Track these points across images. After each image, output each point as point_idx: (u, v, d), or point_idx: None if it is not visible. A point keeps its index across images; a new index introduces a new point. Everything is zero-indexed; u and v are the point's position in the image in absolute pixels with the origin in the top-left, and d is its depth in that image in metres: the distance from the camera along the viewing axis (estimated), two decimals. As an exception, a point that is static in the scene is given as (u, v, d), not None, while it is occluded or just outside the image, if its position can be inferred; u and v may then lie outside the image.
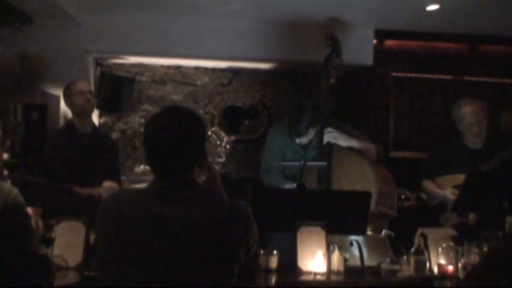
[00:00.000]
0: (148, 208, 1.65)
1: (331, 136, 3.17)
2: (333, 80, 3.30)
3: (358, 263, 2.75)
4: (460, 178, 3.20)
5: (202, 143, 1.76)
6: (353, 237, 2.89)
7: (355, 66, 4.57)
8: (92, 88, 3.83)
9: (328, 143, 3.16)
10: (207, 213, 1.65)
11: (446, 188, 3.50)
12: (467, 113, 3.58)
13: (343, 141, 3.17)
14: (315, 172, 3.18)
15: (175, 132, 1.67)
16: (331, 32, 3.46)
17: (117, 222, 1.65)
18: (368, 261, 2.78)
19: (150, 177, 1.77)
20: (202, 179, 2.01)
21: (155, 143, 1.69)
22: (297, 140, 3.38)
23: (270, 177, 3.48)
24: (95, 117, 4.55)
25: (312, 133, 3.36)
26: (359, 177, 3.05)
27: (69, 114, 4.17)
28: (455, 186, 3.36)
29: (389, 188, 3.10)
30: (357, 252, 2.83)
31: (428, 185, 3.69)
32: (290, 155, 3.42)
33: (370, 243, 2.93)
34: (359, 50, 4.48)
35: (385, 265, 2.54)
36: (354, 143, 3.19)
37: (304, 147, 3.41)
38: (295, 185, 3.17)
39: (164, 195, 1.67)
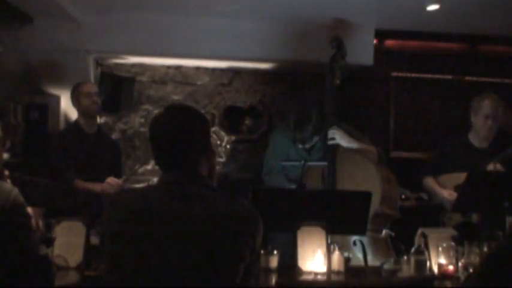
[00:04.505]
0: (155, 203, 1.66)
1: (335, 134, 3.18)
2: (337, 81, 3.31)
3: (360, 263, 2.75)
4: (463, 177, 3.19)
5: (207, 137, 1.80)
6: (356, 237, 2.89)
7: (355, 66, 4.56)
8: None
9: (332, 139, 3.17)
10: (215, 210, 1.65)
11: (448, 187, 3.49)
12: (488, 104, 3.53)
13: (345, 142, 3.18)
14: (319, 173, 3.18)
15: (179, 128, 1.71)
16: (335, 34, 3.47)
17: (125, 216, 1.66)
18: (370, 261, 2.78)
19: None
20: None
21: (161, 139, 1.73)
22: (300, 146, 3.39)
23: (272, 179, 3.47)
24: (98, 116, 4.55)
25: (315, 140, 3.38)
26: (363, 178, 3.06)
27: (70, 114, 4.19)
28: (457, 186, 3.35)
29: (393, 189, 3.11)
30: (359, 252, 2.83)
31: (428, 182, 3.68)
32: (294, 157, 3.41)
33: (372, 243, 2.93)
34: (359, 50, 4.48)
35: (388, 265, 2.54)
36: (354, 145, 3.20)
37: (308, 150, 3.41)
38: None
39: (172, 190, 1.68)
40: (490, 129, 3.54)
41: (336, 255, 2.51)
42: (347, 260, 2.57)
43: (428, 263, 2.56)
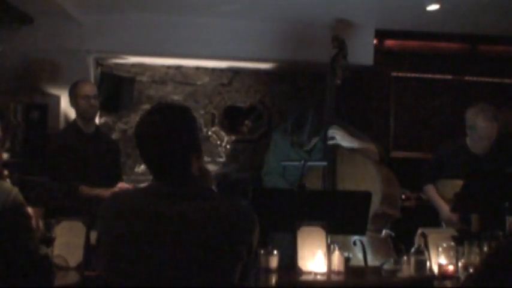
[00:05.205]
0: (148, 205, 1.65)
1: (335, 133, 3.18)
2: (338, 81, 3.32)
3: (360, 263, 2.75)
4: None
5: (194, 135, 1.74)
6: (357, 237, 2.89)
7: (356, 66, 4.56)
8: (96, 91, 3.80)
9: (332, 138, 3.17)
10: (208, 210, 1.65)
11: (448, 194, 3.46)
12: (484, 127, 3.41)
13: (345, 142, 3.18)
14: (319, 173, 3.18)
15: (164, 128, 1.67)
16: (337, 34, 3.47)
17: (118, 218, 1.66)
18: (370, 261, 2.78)
19: (151, 177, 1.77)
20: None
21: (146, 141, 1.69)
22: (300, 149, 3.40)
23: (271, 179, 3.47)
24: (96, 117, 4.56)
25: (314, 141, 3.38)
26: (363, 178, 3.06)
27: (70, 114, 4.19)
28: (457, 194, 3.32)
29: (393, 188, 3.11)
30: (359, 252, 2.83)
31: (430, 191, 3.65)
32: (294, 158, 3.41)
33: (372, 243, 2.93)
34: (359, 50, 4.47)
35: (388, 265, 2.54)
36: (355, 144, 3.20)
37: (309, 151, 3.41)
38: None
39: (163, 193, 1.67)
40: (485, 147, 3.50)
41: (336, 255, 2.51)
42: (347, 260, 2.57)
43: (428, 263, 2.56)
